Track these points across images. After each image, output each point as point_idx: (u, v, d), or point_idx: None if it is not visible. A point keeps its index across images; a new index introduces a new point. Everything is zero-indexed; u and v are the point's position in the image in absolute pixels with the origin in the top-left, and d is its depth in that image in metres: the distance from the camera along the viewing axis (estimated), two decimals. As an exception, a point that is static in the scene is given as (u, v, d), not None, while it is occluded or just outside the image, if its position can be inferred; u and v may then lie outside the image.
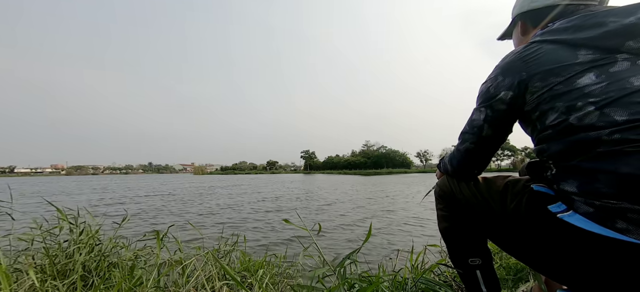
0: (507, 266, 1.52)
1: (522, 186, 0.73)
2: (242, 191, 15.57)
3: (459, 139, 0.86)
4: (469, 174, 0.86)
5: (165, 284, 1.32)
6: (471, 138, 0.80)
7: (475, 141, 0.79)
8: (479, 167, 0.84)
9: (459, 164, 0.86)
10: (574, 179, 0.62)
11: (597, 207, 0.57)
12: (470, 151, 0.81)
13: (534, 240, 0.68)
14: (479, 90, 0.80)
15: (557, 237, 0.63)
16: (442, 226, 0.92)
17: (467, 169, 0.85)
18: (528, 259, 0.75)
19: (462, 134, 0.84)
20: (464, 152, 0.83)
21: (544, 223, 0.65)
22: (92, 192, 16.18)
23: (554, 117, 0.64)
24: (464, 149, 0.83)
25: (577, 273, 0.62)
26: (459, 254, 0.89)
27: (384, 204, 9.47)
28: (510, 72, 0.71)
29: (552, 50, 0.67)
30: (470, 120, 0.81)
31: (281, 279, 1.55)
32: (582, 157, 0.60)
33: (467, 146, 0.81)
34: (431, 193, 1.08)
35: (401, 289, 1.34)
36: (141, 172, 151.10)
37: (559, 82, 0.64)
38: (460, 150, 0.84)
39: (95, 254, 1.36)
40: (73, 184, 28.41)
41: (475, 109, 0.80)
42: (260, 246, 4.02)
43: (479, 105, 0.78)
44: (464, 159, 0.84)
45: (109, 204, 10.26)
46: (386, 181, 28.11)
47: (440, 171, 1.00)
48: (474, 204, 0.82)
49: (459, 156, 0.85)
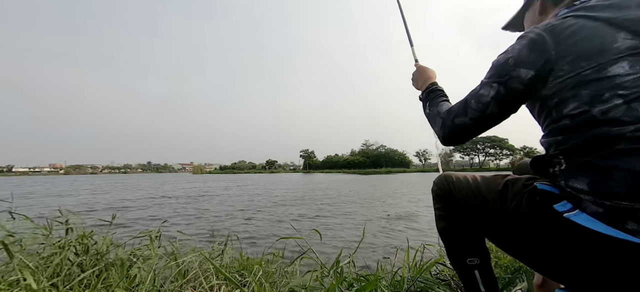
0: (503, 265, 1.52)
1: (523, 185, 0.70)
2: (257, 192, 15.17)
3: (456, 109, 0.76)
4: (452, 144, 0.80)
5: (162, 284, 1.31)
6: (473, 114, 0.72)
7: (476, 118, 0.71)
8: (467, 139, 0.78)
9: (448, 134, 0.78)
10: (586, 176, 0.58)
11: (607, 208, 0.54)
12: (467, 126, 0.74)
13: (535, 239, 0.66)
14: (493, 62, 0.71)
15: (561, 237, 0.60)
16: (440, 225, 0.90)
17: (454, 141, 0.78)
18: (527, 259, 0.74)
19: (463, 106, 0.74)
20: (460, 126, 0.75)
21: (548, 222, 0.63)
22: (96, 194, 16.12)
23: (574, 106, 0.59)
24: (460, 123, 0.74)
25: (580, 273, 0.60)
26: (457, 254, 0.87)
27: (383, 204, 9.48)
28: (537, 48, 0.62)
29: (590, 28, 0.59)
30: (477, 95, 0.71)
31: (279, 278, 1.54)
32: (599, 153, 0.56)
33: (465, 121, 0.73)
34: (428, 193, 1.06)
35: (399, 287, 1.34)
36: (140, 172, 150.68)
37: (590, 67, 0.57)
38: (456, 123, 0.75)
39: (91, 255, 1.35)
40: (75, 184, 28.30)
41: (484, 83, 0.71)
42: (259, 246, 4.01)
43: (491, 79, 0.69)
44: (457, 132, 0.76)
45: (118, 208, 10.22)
46: (385, 180, 28.12)
47: (426, 112, 0.90)
48: (472, 204, 0.80)
49: (450, 128, 0.77)
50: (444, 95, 0.90)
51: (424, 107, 0.92)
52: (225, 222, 6.19)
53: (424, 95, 0.94)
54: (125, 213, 7.77)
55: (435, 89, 0.92)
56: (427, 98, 0.92)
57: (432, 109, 0.87)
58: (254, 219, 6.66)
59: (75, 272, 1.25)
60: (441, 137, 0.81)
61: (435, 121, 0.83)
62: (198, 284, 1.29)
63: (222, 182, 27.42)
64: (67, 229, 1.42)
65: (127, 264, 1.34)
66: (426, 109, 0.90)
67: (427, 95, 0.93)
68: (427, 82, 0.96)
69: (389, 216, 6.96)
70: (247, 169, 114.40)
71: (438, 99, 0.88)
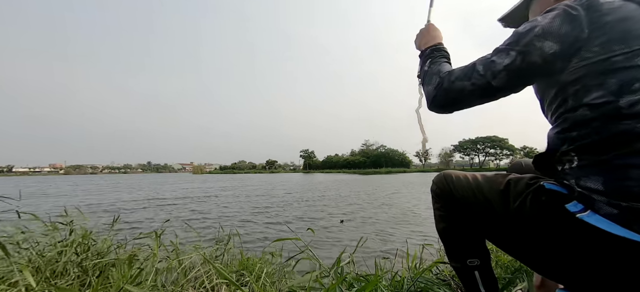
0: (503, 265, 1.52)
1: (526, 184, 0.68)
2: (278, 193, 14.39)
3: (459, 72, 0.69)
4: (441, 108, 0.74)
5: (164, 284, 1.31)
6: (478, 79, 0.65)
7: (480, 85, 0.65)
8: (459, 107, 0.71)
9: (441, 96, 0.71)
10: (601, 174, 0.54)
11: (623, 209, 0.51)
12: (465, 92, 0.67)
13: (539, 239, 0.64)
14: (515, 30, 0.65)
15: (570, 238, 0.58)
16: (439, 226, 0.87)
17: (445, 105, 0.72)
18: (528, 259, 0.72)
19: (468, 70, 0.67)
20: (458, 90, 0.68)
21: (555, 223, 0.60)
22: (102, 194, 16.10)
23: (598, 95, 0.54)
24: (460, 86, 0.67)
25: (586, 274, 0.59)
26: (457, 255, 0.85)
27: (382, 204, 9.48)
28: (570, 23, 0.56)
29: (629, 9, 0.54)
30: (487, 61, 0.65)
31: (279, 278, 1.54)
32: (620, 150, 0.52)
33: (466, 85, 0.66)
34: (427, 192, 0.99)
35: (400, 288, 1.34)
36: (140, 172, 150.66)
37: (622, 52, 0.52)
38: (454, 86, 0.68)
39: (92, 254, 1.35)
40: (72, 184, 28.30)
41: (500, 50, 0.64)
42: (260, 245, 4.01)
43: (510, 46, 0.62)
44: (451, 96, 0.70)
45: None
46: (386, 181, 28.12)
47: (423, 69, 0.83)
48: (473, 204, 0.77)
49: (446, 89, 0.70)
50: (449, 59, 0.84)
51: (422, 65, 0.85)
52: (225, 223, 6.20)
53: (428, 51, 0.86)
54: (125, 216, 7.76)
55: (441, 48, 0.85)
56: (430, 55, 0.84)
57: (432, 66, 0.79)
58: (254, 219, 6.66)
59: (75, 272, 1.25)
60: (432, 97, 0.74)
61: (432, 79, 0.76)
62: (199, 283, 1.29)
63: (221, 182, 27.40)
64: (71, 230, 1.42)
65: (127, 264, 1.34)
66: (425, 66, 0.82)
67: (430, 52, 0.85)
68: (434, 40, 0.88)
69: (391, 216, 6.96)
70: (247, 169, 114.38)
71: (441, 59, 0.81)
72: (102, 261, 1.34)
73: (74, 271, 1.25)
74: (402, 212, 7.63)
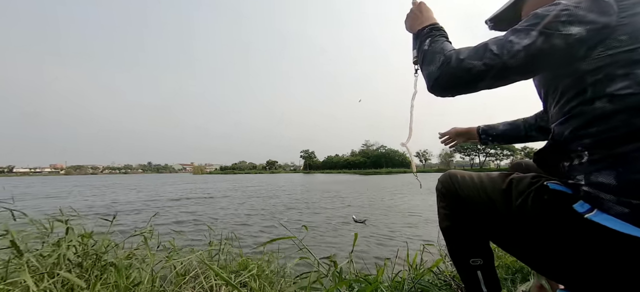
0: (506, 266, 1.51)
1: (528, 183, 0.67)
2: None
3: (469, 51, 0.63)
4: (443, 94, 0.69)
5: (162, 285, 1.31)
6: (491, 59, 0.59)
7: (493, 65, 0.59)
8: (466, 90, 0.66)
9: (448, 76, 0.65)
10: (615, 168, 0.53)
11: (634, 207, 0.50)
12: (475, 72, 0.60)
13: (540, 239, 0.64)
14: (533, 13, 0.60)
15: (575, 239, 0.57)
16: (443, 224, 0.87)
17: (451, 86, 0.66)
18: (530, 259, 0.72)
19: (480, 50, 0.61)
20: (466, 69, 0.61)
21: (559, 223, 0.60)
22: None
23: (623, 86, 0.52)
24: (469, 65, 0.61)
25: (589, 275, 0.58)
26: (461, 254, 0.85)
27: (382, 204, 9.47)
28: (599, 8, 0.54)
29: None
30: (502, 41, 0.60)
31: (278, 279, 1.54)
32: (638, 143, 0.51)
33: (476, 64, 0.60)
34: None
35: (400, 289, 1.33)
36: (140, 172, 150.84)
37: None
38: (464, 65, 0.62)
39: (90, 254, 1.34)
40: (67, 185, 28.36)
41: (518, 30, 0.59)
42: (259, 246, 4.01)
43: (530, 27, 0.58)
44: (459, 76, 0.63)
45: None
46: (386, 181, 28.14)
47: (423, 48, 0.76)
48: (477, 203, 0.76)
49: (454, 68, 0.63)
50: (448, 38, 0.77)
51: (420, 44, 0.78)
52: (225, 223, 6.19)
53: (426, 30, 0.79)
54: (124, 216, 7.77)
55: (439, 27, 0.79)
56: (428, 34, 0.78)
57: (434, 45, 0.73)
58: (254, 220, 6.65)
59: (74, 272, 1.24)
60: (435, 77, 0.67)
61: (434, 59, 0.69)
62: (197, 284, 1.28)
63: (222, 182, 27.42)
64: (67, 229, 1.42)
65: (125, 264, 1.33)
66: (425, 44, 0.76)
67: (429, 31, 0.78)
68: (429, 20, 0.83)
69: (388, 215, 6.95)
70: (247, 170, 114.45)
71: (442, 38, 0.76)
72: (100, 262, 1.34)
73: (74, 271, 1.24)
74: (402, 212, 7.62)
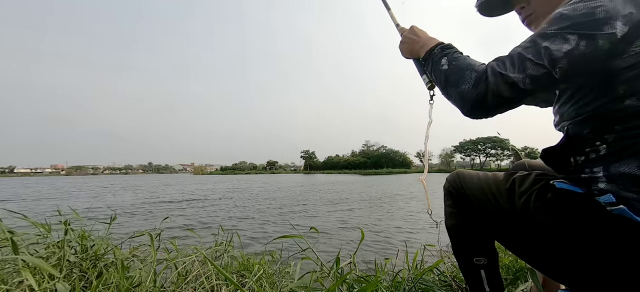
0: (506, 266, 1.51)
1: (531, 182, 0.67)
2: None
3: (503, 63, 0.57)
4: (483, 115, 0.62)
5: (163, 285, 1.31)
6: (535, 70, 0.53)
7: (538, 78, 0.54)
8: (504, 110, 0.60)
9: (492, 94, 0.57)
10: (637, 159, 0.51)
11: None
12: (519, 87, 0.55)
13: (544, 239, 0.63)
14: (557, 14, 0.55)
15: (586, 235, 0.56)
16: (449, 223, 0.87)
17: (494, 105, 0.59)
18: (532, 259, 0.72)
19: (516, 60, 0.56)
20: (509, 87, 0.55)
21: (564, 220, 0.59)
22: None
23: None
24: (511, 80, 0.55)
25: (598, 273, 0.57)
26: (465, 253, 0.85)
27: (382, 204, 9.46)
28: (633, 3, 0.51)
29: None
30: (539, 48, 0.54)
31: (279, 279, 1.54)
32: None
33: (519, 79, 0.54)
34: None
35: (400, 289, 1.33)
36: (141, 172, 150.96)
37: None
38: (506, 79, 0.55)
39: (91, 255, 1.35)
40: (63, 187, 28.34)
41: (550, 34, 0.54)
42: (259, 246, 4.01)
43: (565, 30, 0.53)
44: (501, 93, 0.56)
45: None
46: (387, 181, 28.12)
47: (442, 68, 0.69)
48: (483, 202, 0.76)
49: (496, 84, 0.56)
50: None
51: (433, 65, 0.73)
52: (225, 224, 6.19)
53: (437, 49, 0.74)
54: (124, 217, 7.78)
55: (451, 45, 0.73)
56: (443, 53, 0.71)
57: (455, 62, 0.66)
58: (254, 221, 6.66)
59: (74, 273, 1.25)
60: (474, 97, 0.59)
61: (463, 76, 0.62)
62: (198, 284, 1.29)
63: (222, 184, 27.43)
64: (66, 230, 1.42)
65: (126, 264, 1.34)
66: (441, 65, 0.69)
67: (442, 49, 0.73)
68: (433, 40, 0.78)
69: (388, 215, 6.95)
70: (247, 170, 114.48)
71: (460, 54, 0.70)
72: (99, 262, 1.34)
73: (74, 271, 1.25)
74: (402, 213, 7.62)
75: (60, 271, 1.20)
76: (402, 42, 0.87)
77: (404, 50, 0.87)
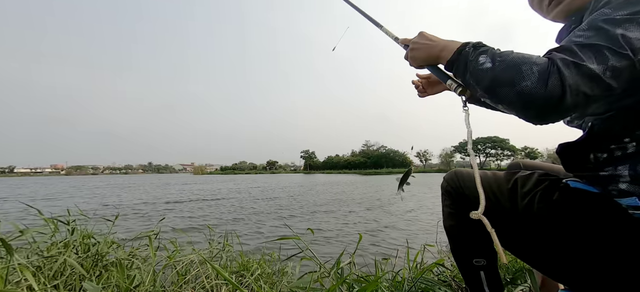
0: (505, 266, 1.52)
1: (535, 182, 0.66)
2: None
3: (575, 53, 0.47)
4: (556, 118, 0.52)
5: (163, 285, 1.31)
6: (617, 61, 0.45)
7: (620, 70, 0.46)
8: (578, 111, 0.51)
9: (570, 90, 0.46)
10: None
11: None
12: (604, 82, 0.46)
13: (549, 240, 0.62)
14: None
15: (600, 238, 0.55)
16: (447, 223, 0.85)
17: (567, 111, 0.49)
18: (533, 259, 0.72)
19: (591, 50, 0.47)
20: (589, 79, 0.46)
21: (570, 221, 0.58)
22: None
23: None
24: (590, 72, 0.46)
25: (604, 273, 0.56)
26: (464, 254, 0.84)
27: (382, 204, 9.46)
28: None
29: None
30: (610, 35, 0.46)
31: (278, 279, 1.54)
32: None
33: (599, 71, 0.46)
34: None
35: (400, 289, 1.34)
36: (141, 172, 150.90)
37: None
38: (583, 71, 0.46)
39: (92, 255, 1.35)
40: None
41: (619, 19, 0.47)
42: (259, 246, 4.01)
43: (638, 14, 0.46)
44: (580, 88, 0.46)
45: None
46: (387, 181, 28.10)
47: (485, 67, 0.56)
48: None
49: (575, 78, 0.46)
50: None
51: (470, 65, 0.60)
52: (225, 224, 6.19)
53: (469, 48, 0.62)
54: (124, 217, 7.78)
55: (484, 43, 0.62)
56: (478, 51, 0.59)
57: (501, 58, 0.54)
58: (254, 221, 6.66)
59: (76, 272, 1.25)
60: (545, 94, 0.47)
61: (520, 71, 0.50)
62: (198, 284, 1.29)
63: (223, 184, 27.41)
64: (72, 230, 1.43)
65: (126, 264, 1.34)
66: (482, 63, 0.57)
67: (475, 48, 0.61)
68: (456, 42, 0.67)
69: (388, 215, 6.95)
70: (247, 170, 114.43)
71: (497, 49, 0.58)
72: (101, 262, 1.34)
73: (75, 271, 1.25)
74: (401, 213, 7.62)
75: (61, 274, 1.20)
76: (413, 49, 0.76)
77: (418, 57, 0.75)
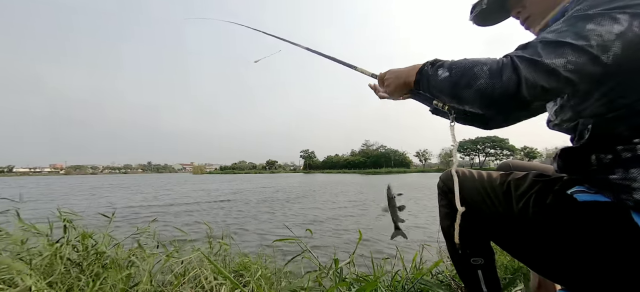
0: (502, 266, 1.52)
1: (529, 185, 0.66)
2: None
3: (535, 50, 0.49)
4: (505, 121, 0.58)
5: (161, 284, 1.31)
6: (578, 56, 0.46)
7: (581, 65, 0.47)
8: (545, 99, 0.51)
9: (527, 85, 0.48)
10: None
11: None
12: (563, 77, 0.47)
13: (545, 240, 0.62)
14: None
15: (605, 248, 0.53)
16: (444, 223, 0.84)
17: (529, 97, 0.49)
18: (530, 260, 0.72)
19: (550, 47, 0.48)
20: (546, 74, 0.47)
21: (566, 222, 0.58)
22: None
23: None
24: (548, 67, 0.47)
25: (602, 276, 0.56)
26: (461, 254, 0.83)
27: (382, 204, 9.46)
28: None
29: None
30: (582, 30, 0.47)
31: (278, 279, 1.54)
32: None
33: (559, 65, 0.46)
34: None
35: (399, 289, 1.33)
36: (140, 172, 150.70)
37: None
38: (540, 66, 0.47)
39: (91, 254, 1.35)
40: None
41: (592, 15, 0.47)
42: (259, 246, 4.01)
43: (614, 10, 0.46)
44: (536, 86, 0.48)
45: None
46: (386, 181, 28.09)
47: (443, 76, 0.61)
48: (478, 202, 0.74)
49: (528, 73, 0.48)
50: None
51: (431, 80, 0.64)
52: (224, 224, 6.19)
53: (427, 66, 0.67)
54: (125, 217, 7.76)
55: (439, 59, 0.67)
56: (434, 66, 0.64)
57: (456, 66, 0.58)
58: (253, 221, 6.65)
59: (74, 272, 1.24)
60: (502, 87, 0.49)
61: (473, 73, 0.53)
62: (197, 283, 1.29)
63: (223, 183, 27.36)
64: (66, 228, 1.42)
65: (124, 263, 1.34)
66: (440, 74, 0.61)
67: (432, 64, 0.66)
68: (417, 65, 0.72)
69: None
70: (247, 170, 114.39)
71: (451, 60, 0.63)
72: (99, 261, 1.34)
73: (73, 271, 1.24)
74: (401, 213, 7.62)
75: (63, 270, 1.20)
76: (386, 86, 0.82)
77: (393, 89, 0.81)
